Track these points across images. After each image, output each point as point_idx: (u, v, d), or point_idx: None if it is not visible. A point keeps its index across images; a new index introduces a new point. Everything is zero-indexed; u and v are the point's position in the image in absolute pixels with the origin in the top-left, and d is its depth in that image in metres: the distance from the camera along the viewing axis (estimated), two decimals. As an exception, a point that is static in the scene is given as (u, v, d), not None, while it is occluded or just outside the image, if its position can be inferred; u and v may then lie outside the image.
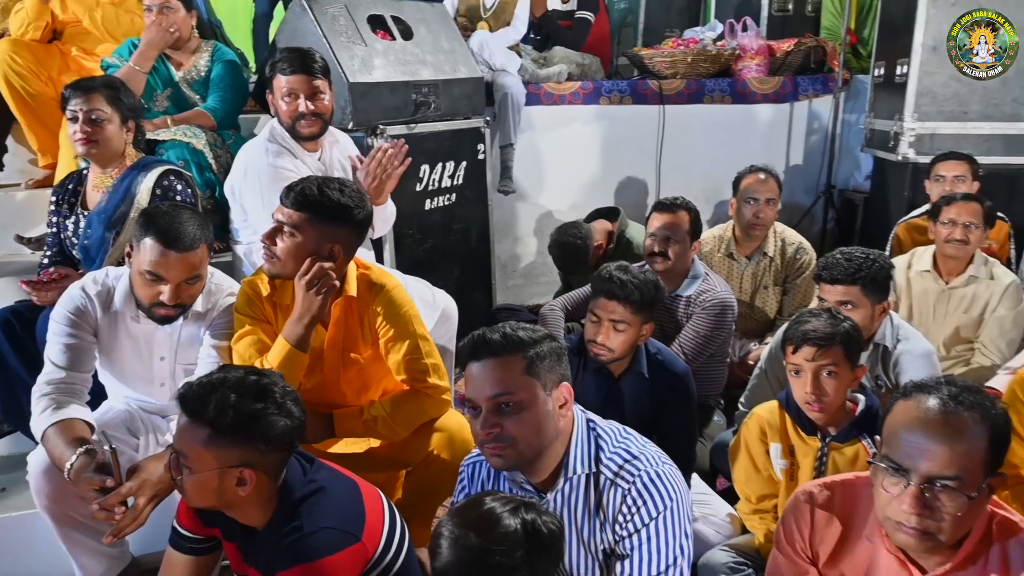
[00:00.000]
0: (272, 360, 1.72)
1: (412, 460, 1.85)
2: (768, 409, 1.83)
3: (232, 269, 2.43)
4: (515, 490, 1.40)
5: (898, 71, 3.66)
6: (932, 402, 1.12)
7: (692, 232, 2.54)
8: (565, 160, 3.98)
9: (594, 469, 1.34)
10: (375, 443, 1.89)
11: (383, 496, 1.50)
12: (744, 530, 1.93)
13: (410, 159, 2.40)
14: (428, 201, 2.99)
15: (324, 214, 1.71)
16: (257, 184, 2.27)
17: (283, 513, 1.35)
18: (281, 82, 2.28)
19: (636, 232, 3.42)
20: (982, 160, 3.21)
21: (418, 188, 2.93)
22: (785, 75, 4.29)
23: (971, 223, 2.54)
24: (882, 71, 3.90)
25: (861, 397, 1.74)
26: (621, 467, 1.33)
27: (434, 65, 3.01)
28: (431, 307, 2.32)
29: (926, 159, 3.31)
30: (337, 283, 1.75)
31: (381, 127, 2.73)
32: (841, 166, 4.40)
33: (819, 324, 1.69)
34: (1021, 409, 1.76)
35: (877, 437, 1.21)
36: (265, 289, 1.82)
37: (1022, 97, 3.41)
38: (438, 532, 1.15)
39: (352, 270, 1.84)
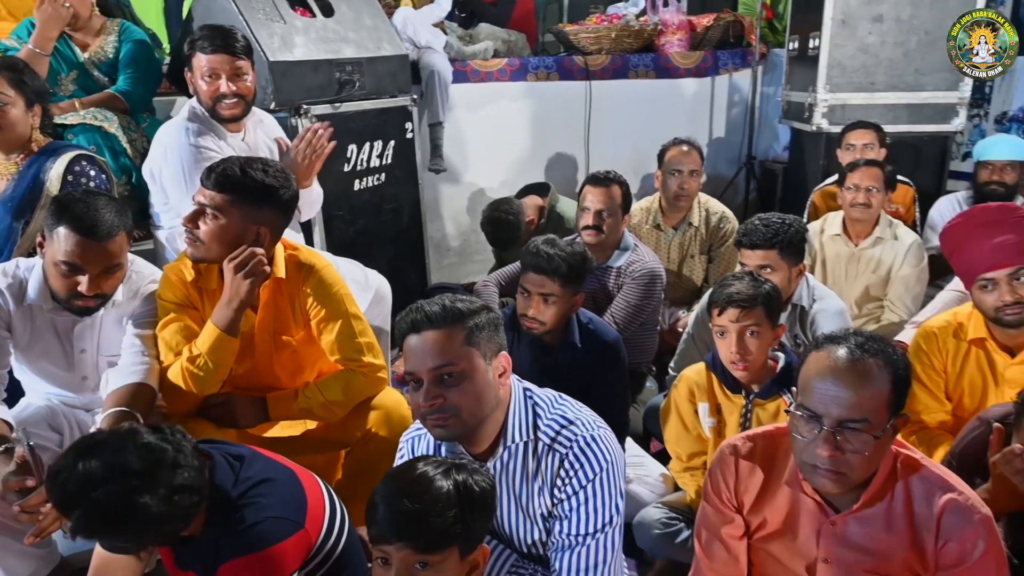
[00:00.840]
0: (201, 346, 1.69)
1: (350, 440, 1.85)
2: (696, 371, 1.90)
3: (155, 256, 2.35)
4: (455, 461, 1.42)
5: (811, 44, 3.79)
6: (841, 351, 1.20)
7: (624, 205, 2.60)
8: (494, 137, 3.98)
9: (532, 436, 1.37)
10: (312, 425, 1.88)
11: (320, 481, 1.50)
12: (676, 488, 2.02)
13: (335, 142, 2.36)
14: (357, 181, 2.95)
15: (248, 195, 1.68)
16: (179, 165, 2.19)
17: (219, 517, 1.31)
18: (201, 61, 2.21)
19: (567, 206, 3.46)
20: (888, 128, 3.38)
21: (346, 168, 2.89)
22: (706, 49, 4.39)
23: (872, 187, 2.69)
24: (796, 45, 4.04)
25: (781, 355, 1.82)
26: (558, 433, 1.36)
27: (357, 43, 2.95)
28: (364, 288, 2.30)
29: (838, 129, 3.46)
30: (268, 268, 1.72)
31: (305, 107, 2.68)
32: (761, 137, 4.55)
33: (742, 287, 1.77)
34: (924, 359, 1.89)
35: (795, 389, 1.28)
36: (189, 274, 1.78)
37: (924, 67, 3.59)
38: (373, 500, 1.15)
39: (280, 251, 1.81)
